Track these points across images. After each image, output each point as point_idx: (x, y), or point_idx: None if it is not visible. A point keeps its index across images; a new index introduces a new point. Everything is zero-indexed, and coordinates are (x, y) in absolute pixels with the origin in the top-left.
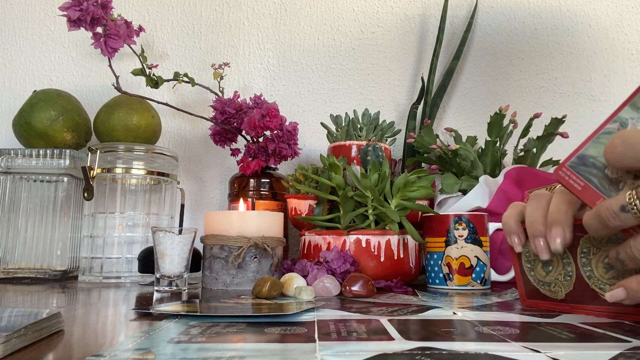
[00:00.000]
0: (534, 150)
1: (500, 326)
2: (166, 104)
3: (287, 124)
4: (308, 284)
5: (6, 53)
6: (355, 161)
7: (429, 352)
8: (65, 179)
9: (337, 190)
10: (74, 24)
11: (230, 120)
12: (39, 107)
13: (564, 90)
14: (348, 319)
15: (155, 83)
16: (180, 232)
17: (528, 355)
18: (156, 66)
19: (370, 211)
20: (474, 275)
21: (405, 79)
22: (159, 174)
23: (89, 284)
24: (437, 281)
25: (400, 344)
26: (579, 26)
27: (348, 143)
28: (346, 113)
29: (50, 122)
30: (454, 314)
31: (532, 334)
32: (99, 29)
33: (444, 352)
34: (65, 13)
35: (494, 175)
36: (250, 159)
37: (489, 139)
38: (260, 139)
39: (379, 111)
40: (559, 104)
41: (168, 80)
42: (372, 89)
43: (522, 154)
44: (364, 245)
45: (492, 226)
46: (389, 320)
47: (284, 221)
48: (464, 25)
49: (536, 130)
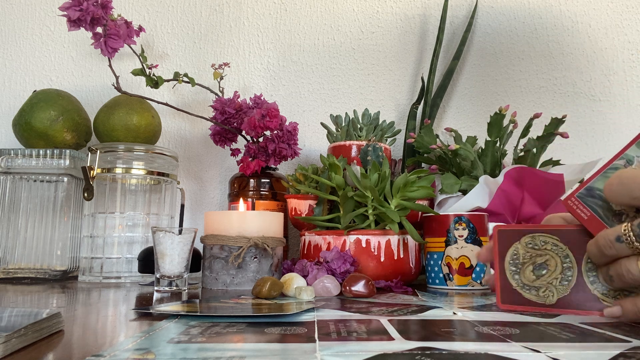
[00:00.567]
0: (534, 150)
1: (500, 326)
2: (166, 104)
3: (287, 124)
4: (308, 284)
5: (6, 53)
6: (355, 161)
7: (429, 352)
8: (65, 179)
9: (337, 190)
10: (74, 24)
11: (230, 120)
12: (39, 107)
13: (564, 90)
14: (348, 319)
15: (155, 83)
16: (180, 232)
17: (528, 355)
18: (156, 66)
19: (370, 211)
20: (474, 275)
21: (405, 79)
22: (159, 174)
23: (89, 284)
24: (437, 281)
25: (400, 344)
26: (579, 26)
27: (348, 143)
28: (346, 113)
29: (50, 122)
30: (454, 314)
31: (532, 334)
32: (99, 29)
33: (444, 352)
34: (65, 13)
35: (494, 175)
36: (250, 159)
37: (489, 139)
38: (260, 139)
39: (379, 111)
40: (559, 104)
41: (168, 80)
42: (372, 89)
43: (522, 154)
44: (364, 245)
45: (492, 226)
46: (389, 320)
47: (284, 221)
48: (464, 25)
49: (536, 130)
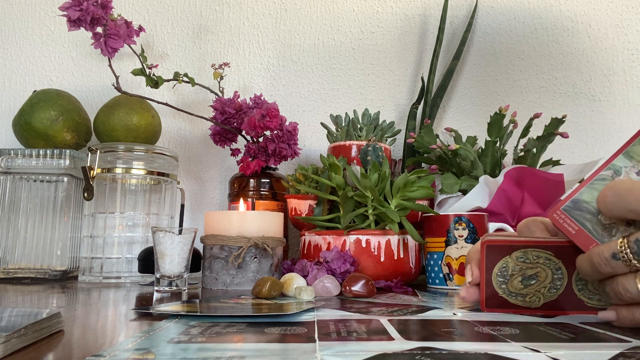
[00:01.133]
0: (534, 150)
1: (500, 326)
2: (166, 104)
3: (287, 124)
4: (308, 284)
5: (6, 53)
6: (355, 161)
7: (429, 352)
8: (65, 179)
9: (337, 190)
10: (74, 24)
11: (230, 120)
12: (39, 107)
13: (564, 90)
14: (348, 319)
15: (155, 83)
16: (180, 232)
17: (528, 355)
18: (156, 66)
19: (370, 211)
20: None
21: (405, 79)
22: (159, 174)
23: (89, 284)
24: (437, 281)
25: (400, 344)
26: (579, 26)
27: (348, 143)
28: (346, 113)
29: (50, 122)
30: (454, 314)
31: (532, 334)
32: (99, 29)
33: (444, 352)
34: (65, 13)
35: (494, 175)
36: (250, 159)
37: (489, 139)
38: (260, 139)
39: (379, 111)
40: (559, 104)
41: (168, 80)
42: (372, 89)
43: (522, 154)
44: (364, 245)
45: (492, 226)
46: (389, 320)
47: (284, 221)
48: (464, 25)
49: (536, 130)
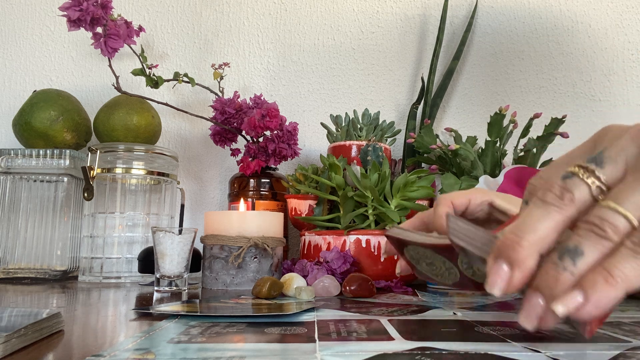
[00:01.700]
0: (534, 150)
1: (500, 326)
2: (166, 104)
3: (287, 124)
4: (308, 284)
5: (6, 53)
6: (355, 161)
7: (429, 352)
8: (65, 179)
9: (337, 190)
10: (74, 24)
11: (230, 120)
12: (39, 107)
13: (564, 90)
14: (348, 319)
15: (155, 83)
16: (180, 232)
17: (528, 355)
18: (156, 66)
19: (370, 211)
20: None
21: (405, 79)
22: (159, 174)
23: (89, 284)
24: None
25: (400, 344)
26: (579, 26)
27: (348, 143)
28: (346, 113)
29: (50, 122)
30: (454, 314)
31: (532, 334)
32: (99, 29)
33: (444, 352)
34: (65, 13)
35: (494, 175)
36: (250, 159)
37: (489, 139)
38: (260, 139)
39: (379, 111)
40: (559, 104)
41: (168, 80)
42: (372, 89)
43: (522, 154)
44: (364, 245)
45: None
46: (389, 320)
47: (284, 221)
48: (464, 25)
49: (536, 130)
